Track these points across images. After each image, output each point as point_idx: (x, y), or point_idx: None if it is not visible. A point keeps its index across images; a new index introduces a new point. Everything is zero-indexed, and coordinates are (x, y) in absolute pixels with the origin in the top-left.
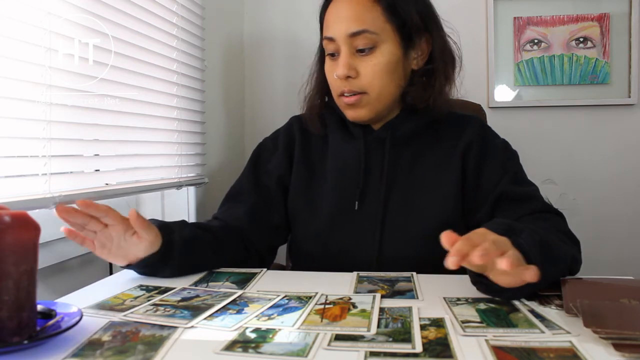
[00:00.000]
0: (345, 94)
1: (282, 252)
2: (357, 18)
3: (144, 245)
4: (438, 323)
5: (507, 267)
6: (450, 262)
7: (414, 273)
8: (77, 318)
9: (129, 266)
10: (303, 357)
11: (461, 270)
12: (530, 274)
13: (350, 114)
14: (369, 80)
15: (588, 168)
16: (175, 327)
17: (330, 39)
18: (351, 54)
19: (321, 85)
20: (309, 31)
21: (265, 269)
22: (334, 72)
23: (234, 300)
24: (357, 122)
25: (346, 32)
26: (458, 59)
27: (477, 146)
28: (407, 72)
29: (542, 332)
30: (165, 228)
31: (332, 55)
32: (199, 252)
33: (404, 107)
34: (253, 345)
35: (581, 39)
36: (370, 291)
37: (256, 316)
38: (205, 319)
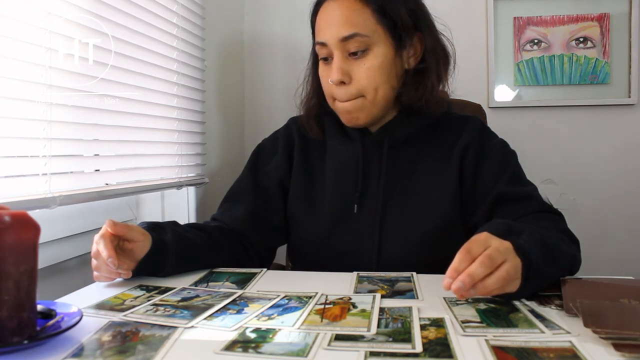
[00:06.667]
0: (341, 99)
1: (282, 251)
2: (347, 22)
3: (138, 246)
4: (438, 323)
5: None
6: (446, 284)
7: (414, 273)
8: (77, 318)
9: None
10: (303, 357)
11: None
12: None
13: (347, 119)
14: (363, 83)
15: (588, 168)
16: (175, 327)
17: (323, 44)
18: (344, 58)
19: (317, 90)
20: (309, 32)
21: (265, 269)
22: (328, 77)
23: (234, 300)
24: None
25: (337, 37)
26: (451, 56)
27: (475, 147)
28: (401, 72)
29: (542, 332)
30: (153, 225)
31: (325, 59)
32: (194, 246)
33: (401, 108)
34: (253, 345)
35: (581, 39)
36: (370, 291)
37: (256, 316)
38: (205, 319)
